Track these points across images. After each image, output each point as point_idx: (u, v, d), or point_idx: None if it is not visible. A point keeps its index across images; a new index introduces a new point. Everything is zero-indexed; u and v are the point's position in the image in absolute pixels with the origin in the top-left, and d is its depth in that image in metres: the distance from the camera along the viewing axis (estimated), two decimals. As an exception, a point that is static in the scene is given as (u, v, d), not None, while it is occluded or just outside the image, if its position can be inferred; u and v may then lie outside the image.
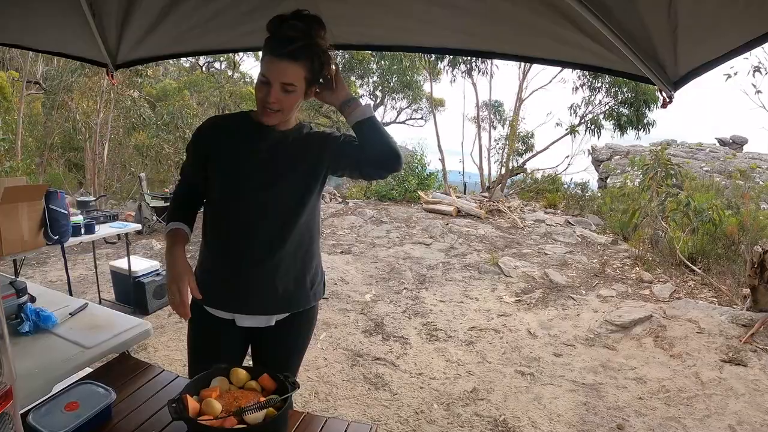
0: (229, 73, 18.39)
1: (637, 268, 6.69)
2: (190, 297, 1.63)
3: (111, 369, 1.92)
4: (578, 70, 13.04)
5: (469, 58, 12.94)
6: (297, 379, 1.58)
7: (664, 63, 1.82)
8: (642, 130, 13.26)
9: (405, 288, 6.01)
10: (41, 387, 1.72)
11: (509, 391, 3.71)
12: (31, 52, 11.09)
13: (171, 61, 20.43)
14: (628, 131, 13.28)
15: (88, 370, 2.00)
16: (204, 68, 20.26)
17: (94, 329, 2.13)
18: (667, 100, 1.91)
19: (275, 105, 1.59)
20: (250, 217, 1.70)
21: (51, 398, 1.59)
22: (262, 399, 1.46)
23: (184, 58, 20.20)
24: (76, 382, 1.69)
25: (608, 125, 13.41)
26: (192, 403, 1.41)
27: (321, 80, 1.67)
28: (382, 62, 15.93)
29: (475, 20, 2.06)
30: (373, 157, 1.69)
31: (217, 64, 20.18)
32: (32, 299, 2.36)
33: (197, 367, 1.73)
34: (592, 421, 3.34)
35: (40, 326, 2.10)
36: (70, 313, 2.28)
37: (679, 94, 1.91)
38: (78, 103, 11.76)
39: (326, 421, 1.63)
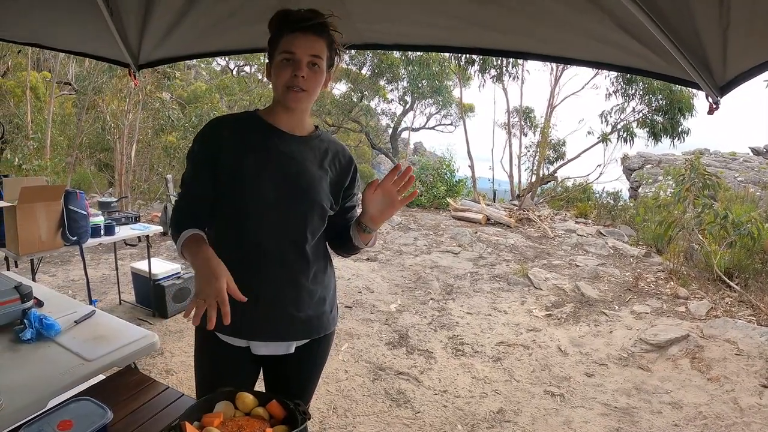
0: (259, 76, 18.44)
1: (672, 283, 6.42)
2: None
3: (112, 383, 1.79)
4: (611, 77, 12.83)
5: (499, 62, 12.78)
6: (310, 406, 1.42)
7: (711, 66, 1.68)
8: (677, 138, 12.90)
9: (431, 298, 5.84)
10: (36, 401, 1.60)
11: (537, 413, 3.52)
12: (62, 54, 11.26)
13: (202, 65, 20.66)
14: (662, 139, 12.94)
15: (91, 382, 1.88)
16: (234, 72, 20.40)
17: (97, 340, 2.00)
18: (714, 106, 1.78)
19: (303, 83, 1.46)
20: (266, 235, 1.53)
21: (44, 414, 1.46)
22: (269, 430, 1.31)
23: (215, 63, 20.44)
24: (73, 397, 1.57)
25: (641, 133, 13.09)
26: (191, 431, 1.27)
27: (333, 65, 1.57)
28: (411, 67, 15.79)
29: (511, 17, 1.93)
30: (341, 247, 1.75)
31: (247, 68, 20.30)
32: (39, 304, 2.27)
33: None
34: (624, 450, 3.14)
35: (43, 334, 1.99)
36: (75, 321, 2.16)
37: (717, 101, 1.78)
38: (108, 104, 11.87)
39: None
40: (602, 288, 6.29)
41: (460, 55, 12.83)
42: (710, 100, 1.77)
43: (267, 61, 1.56)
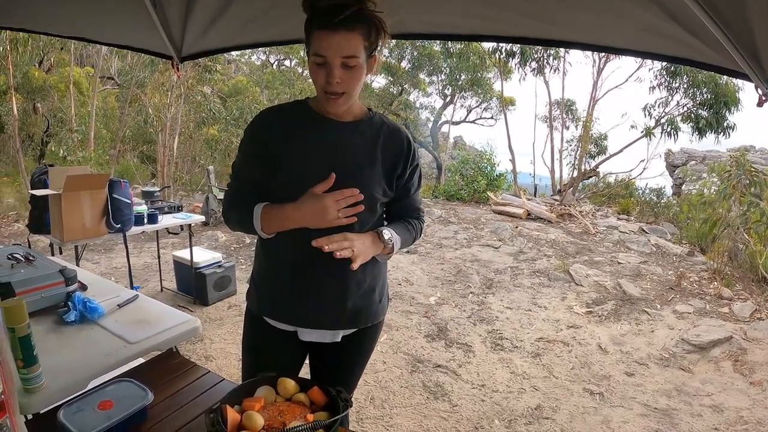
0: (299, 70, 18.53)
1: (716, 283, 6.21)
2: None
3: (153, 366, 1.80)
4: (655, 69, 12.50)
5: (540, 54, 12.57)
6: (353, 396, 1.39)
7: (761, 56, 1.59)
8: (722, 133, 12.50)
9: (471, 292, 5.78)
10: (77, 382, 1.61)
11: (576, 411, 3.44)
12: (104, 50, 11.52)
13: (242, 59, 20.87)
14: (707, 135, 12.55)
15: (132, 364, 1.89)
16: (275, 66, 20.53)
17: (140, 323, 2.02)
18: (763, 97, 1.69)
19: (339, 87, 1.38)
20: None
21: (85, 394, 1.47)
22: (310, 417, 1.28)
23: (255, 57, 20.63)
24: (114, 378, 1.57)
25: (686, 128, 12.73)
26: (232, 414, 1.25)
27: (377, 49, 1.45)
28: (450, 60, 15.64)
29: (556, 7, 1.87)
30: None
31: (287, 62, 20.41)
32: (83, 288, 2.29)
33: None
34: (663, 452, 3.04)
35: (86, 317, 2.01)
36: (118, 305, 2.18)
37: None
38: (150, 97, 12.09)
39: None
40: (644, 286, 6.12)
41: (500, 47, 12.67)
42: (759, 91, 1.69)
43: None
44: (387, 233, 1.57)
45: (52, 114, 11.95)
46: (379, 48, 1.47)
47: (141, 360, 1.89)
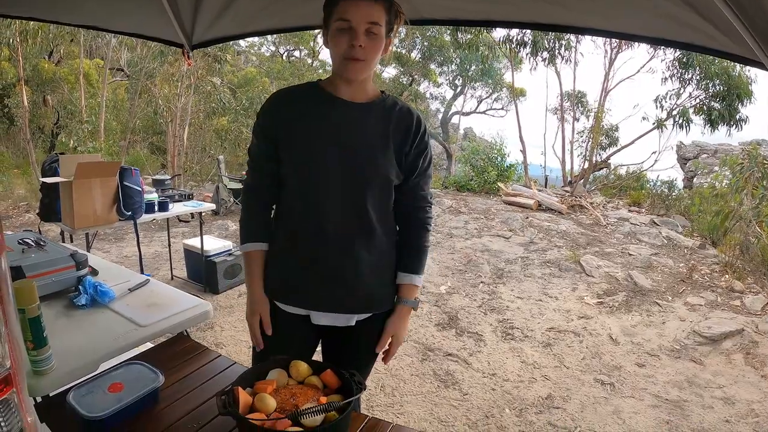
0: (309, 61, 18.50)
1: (727, 276, 6.14)
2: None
3: (164, 350, 1.80)
4: (668, 60, 12.34)
5: (551, 44, 12.45)
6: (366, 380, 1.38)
7: None
8: (734, 126, 12.31)
9: (482, 282, 5.75)
10: (87, 364, 1.60)
11: (587, 401, 3.41)
12: (113, 41, 11.54)
13: (252, 51, 20.84)
14: (719, 127, 12.37)
15: (142, 348, 1.89)
16: (284, 56, 20.49)
17: (151, 307, 2.00)
18: None
19: (362, 53, 1.38)
20: (330, 204, 1.49)
21: (96, 377, 1.47)
22: (323, 399, 1.26)
23: (265, 48, 20.59)
24: (125, 361, 1.57)
25: (698, 120, 12.55)
26: (244, 396, 1.24)
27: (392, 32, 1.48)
28: (460, 50, 15.52)
29: None
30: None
31: (297, 53, 20.37)
32: (94, 272, 2.28)
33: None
34: (673, 443, 3.01)
35: (98, 301, 2.00)
36: (129, 289, 2.18)
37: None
38: (160, 88, 12.10)
39: (392, 427, 1.40)
40: (655, 278, 6.07)
41: (511, 37, 12.55)
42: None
43: (323, 27, 1.49)
44: (417, 301, 1.69)
45: (62, 106, 11.98)
46: (394, 32, 1.48)
47: (149, 344, 1.89)
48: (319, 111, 1.50)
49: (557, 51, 12.88)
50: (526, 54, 13.13)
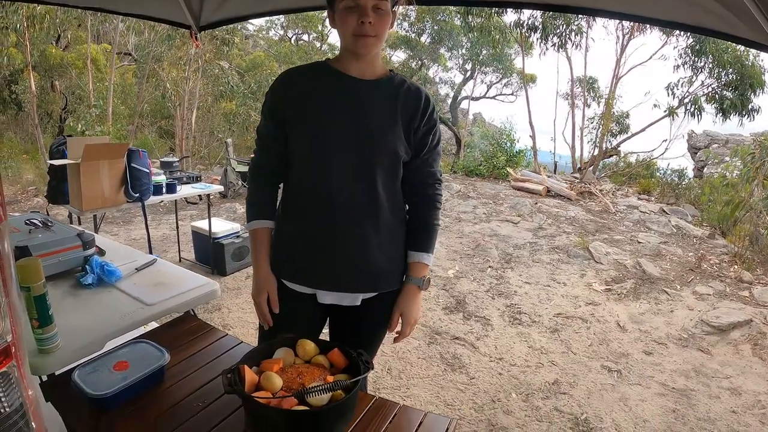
0: (317, 45, 18.40)
1: (736, 267, 6.08)
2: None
3: (171, 328, 1.79)
4: (680, 47, 12.17)
5: (562, 29, 12.30)
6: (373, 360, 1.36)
7: None
8: (746, 116, 12.15)
9: (490, 266, 5.73)
10: (93, 342, 1.59)
11: (593, 387, 3.39)
12: (121, 26, 11.50)
13: (260, 35, 20.75)
14: (730, 117, 12.21)
15: (149, 327, 1.88)
16: (292, 40, 20.39)
17: (158, 286, 2.00)
18: None
19: (372, 29, 1.38)
20: (337, 184, 1.48)
21: (101, 355, 1.47)
22: (330, 378, 1.25)
23: (273, 32, 20.50)
24: (131, 340, 1.56)
25: (709, 109, 12.39)
26: (250, 375, 1.23)
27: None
28: (471, 34, 15.36)
29: None
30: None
31: (305, 36, 20.26)
32: (101, 252, 2.28)
33: None
34: (680, 432, 2.99)
35: (104, 280, 2.00)
36: (136, 268, 2.17)
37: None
38: (168, 72, 12.07)
39: (399, 408, 1.39)
40: (664, 266, 6.03)
41: (522, 21, 12.42)
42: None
43: (328, 7, 1.49)
44: (426, 280, 1.64)
45: (71, 91, 11.98)
46: (397, 4, 1.47)
47: (155, 324, 1.88)
48: (328, 88, 1.50)
49: (568, 36, 12.73)
50: (537, 39, 13.00)
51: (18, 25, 9.47)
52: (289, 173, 1.58)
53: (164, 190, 4.11)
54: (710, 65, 11.89)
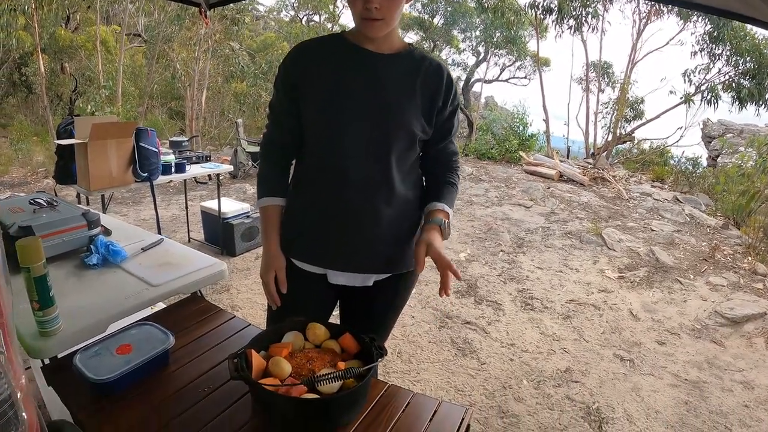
0: (329, 26, 18.24)
1: (750, 258, 5.98)
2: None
3: (177, 310, 1.74)
4: (698, 33, 12.01)
5: (578, 12, 12.12)
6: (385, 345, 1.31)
7: None
8: (763, 106, 11.95)
9: (502, 250, 5.66)
10: (95, 325, 1.54)
11: (606, 376, 3.33)
12: (130, 7, 11.44)
13: (271, 15, 20.61)
14: (747, 106, 12.02)
15: (156, 308, 1.84)
16: (303, 21, 20.23)
17: (164, 266, 1.95)
18: None
19: (378, 12, 1.30)
20: (350, 159, 1.41)
21: (104, 338, 1.42)
22: (341, 365, 1.20)
23: (284, 13, 20.35)
24: (135, 322, 1.51)
25: (726, 98, 12.20)
26: (257, 360, 1.18)
27: None
28: (485, 15, 15.16)
29: None
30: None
31: (316, 17, 20.09)
32: (107, 232, 2.23)
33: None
34: (692, 424, 2.91)
35: (109, 260, 1.95)
36: (142, 248, 2.12)
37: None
38: (178, 52, 12.01)
39: (413, 397, 1.33)
40: (677, 255, 5.94)
41: (537, 3, 12.25)
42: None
43: None
44: (447, 224, 1.47)
45: (80, 73, 11.94)
46: None
47: (162, 305, 1.83)
48: (343, 60, 1.43)
49: (584, 19, 12.54)
50: (552, 21, 12.82)
51: (27, 7, 9.42)
52: (302, 148, 1.52)
53: (173, 169, 4.07)
54: (728, 53, 11.75)
